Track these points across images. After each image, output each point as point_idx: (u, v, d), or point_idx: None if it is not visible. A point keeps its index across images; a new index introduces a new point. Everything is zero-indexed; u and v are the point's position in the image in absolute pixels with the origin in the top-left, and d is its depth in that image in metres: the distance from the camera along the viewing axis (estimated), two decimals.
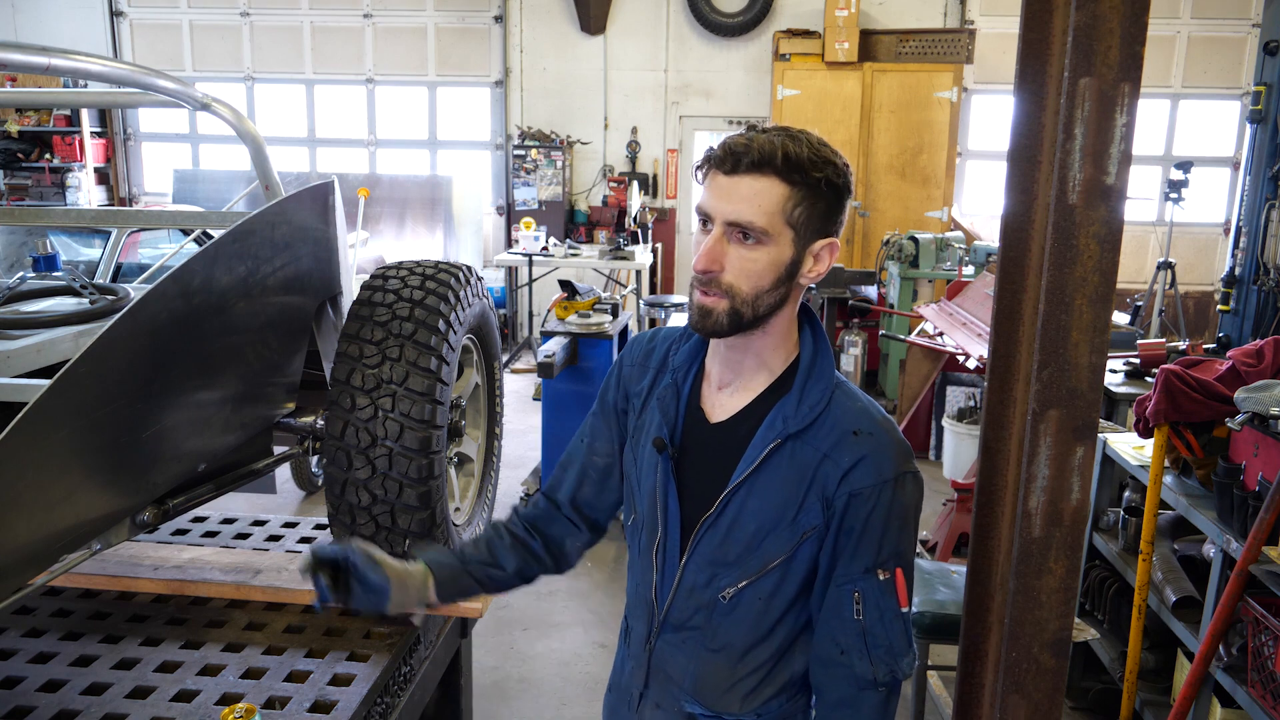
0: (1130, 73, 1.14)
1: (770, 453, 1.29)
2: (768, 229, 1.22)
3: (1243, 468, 2.59)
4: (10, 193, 9.06)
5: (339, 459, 1.92)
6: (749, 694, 1.36)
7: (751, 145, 1.22)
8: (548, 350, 4.54)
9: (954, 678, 1.45)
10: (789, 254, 1.25)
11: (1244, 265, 5.29)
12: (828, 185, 1.23)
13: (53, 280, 2.37)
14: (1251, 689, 2.43)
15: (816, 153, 1.23)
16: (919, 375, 6.00)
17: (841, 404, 1.30)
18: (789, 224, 1.23)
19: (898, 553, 1.29)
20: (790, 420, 1.29)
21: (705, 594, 1.35)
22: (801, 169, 1.21)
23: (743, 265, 1.24)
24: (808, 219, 1.24)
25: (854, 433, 1.27)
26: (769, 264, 1.24)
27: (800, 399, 1.30)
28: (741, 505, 1.31)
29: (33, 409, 1.32)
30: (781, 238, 1.24)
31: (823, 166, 1.23)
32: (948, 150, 8.22)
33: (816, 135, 1.27)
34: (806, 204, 1.23)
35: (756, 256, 1.24)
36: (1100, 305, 1.20)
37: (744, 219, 1.22)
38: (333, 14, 9.22)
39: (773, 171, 1.21)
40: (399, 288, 2.04)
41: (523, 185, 8.83)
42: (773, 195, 1.22)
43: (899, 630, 1.29)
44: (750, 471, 1.30)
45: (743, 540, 1.31)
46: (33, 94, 5.85)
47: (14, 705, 1.78)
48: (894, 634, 1.29)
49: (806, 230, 1.25)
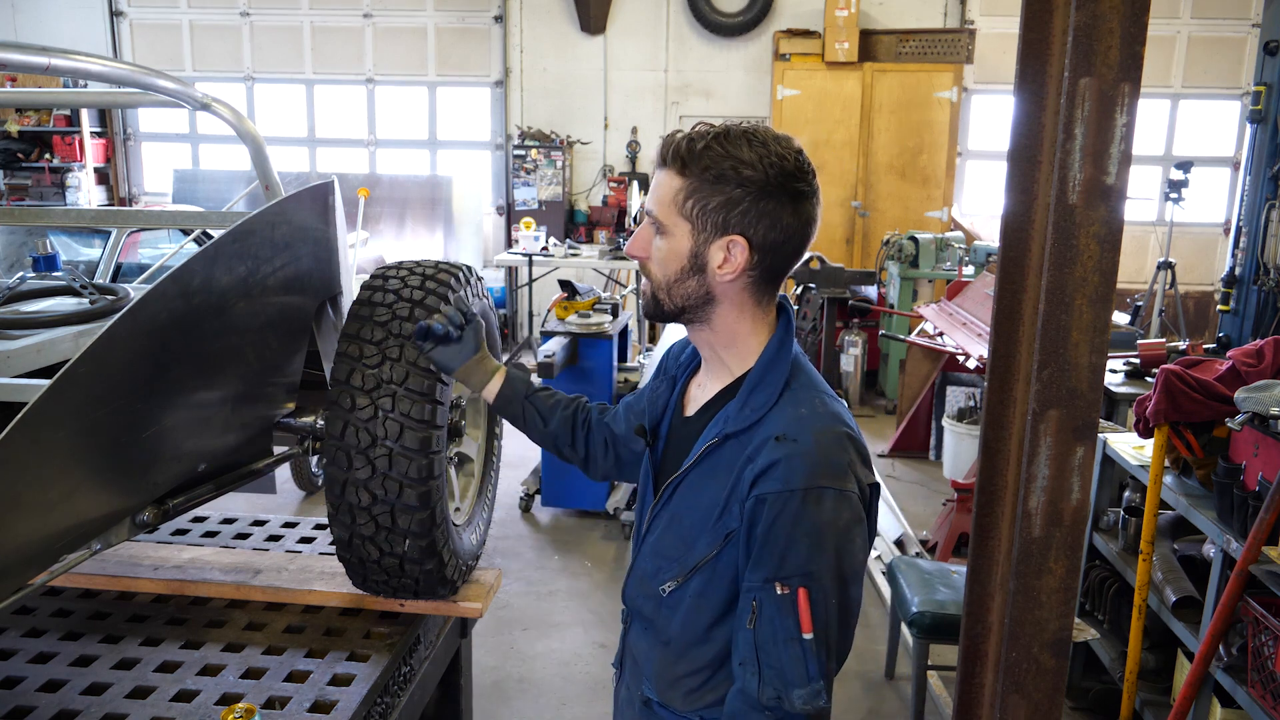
0: (1130, 73, 1.15)
1: (708, 451, 1.32)
2: (663, 220, 1.29)
3: (1243, 468, 2.59)
4: (10, 193, 9.06)
5: (339, 459, 1.92)
6: (690, 693, 1.37)
7: (668, 141, 1.27)
8: (548, 350, 4.53)
9: (954, 678, 1.45)
10: (686, 245, 1.28)
11: (1244, 265, 5.29)
12: (721, 179, 1.23)
13: (53, 280, 2.37)
14: (1251, 689, 2.43)
15: (719, 147, 1.22)
16: (919, 375, 6.00)
17: (783, 409, 1.28)
18: (683, 215, 1.27)
19: (805, 572, 1.19)
20: (731, 421, 1.31)
21: (652, 584, 1.39)
22: (691, 162, 1.24)
23: (655, 254, 1.32)
24: (701, 212, 1.26)
25: (777, 438, 1.24)
26: (670, 253, 1.30)
27: (744, 402, 1.31)
28: (682, 499, 1.35)
29: (33, 409, 1.32)
30: (678, 229, 1.28)
31: (718, 161, 1.22)
32: (948, 150, 8.22)
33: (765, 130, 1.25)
34: (698, 196, 1.25)
35: (660, 245, 1.31)
36: (1100, 305, 1.20)
37: (649, 208, 1.31)
38: (333, 14, 9.22)
39: (672, 165, 1.27)
40: (399, 288, 2.04)
41: (523, 185, 8.83)
42: (668, 187, 1.27)
43: (793, 655, 1.20)
44: (689, 466, 1.34)
45: (680, 535, 1.34)
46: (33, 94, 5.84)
47: (14, 705, 1.78)
48: (785, 658, 1.20)
49: (703, 223, 1.26)
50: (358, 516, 1.96)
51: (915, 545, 4.56)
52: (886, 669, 3.54)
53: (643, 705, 1.44)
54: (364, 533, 1.97)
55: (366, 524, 1.96)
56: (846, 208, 8.24)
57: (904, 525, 4.76)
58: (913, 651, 3.13)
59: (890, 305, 7.12)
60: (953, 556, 4.33)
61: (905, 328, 6.72)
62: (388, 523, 1.95)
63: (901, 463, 5.92)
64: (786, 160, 1.23)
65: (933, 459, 5.86)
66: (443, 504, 2.04)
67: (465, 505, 2.48)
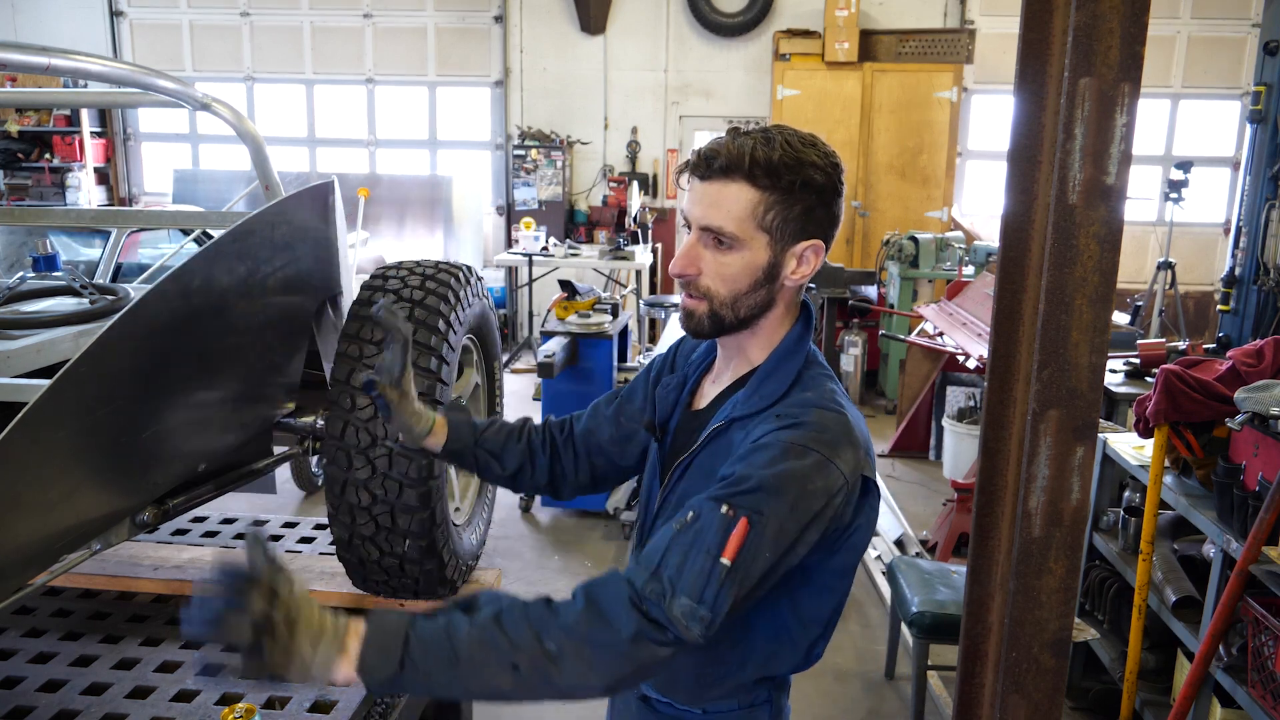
0: (1130, 73, 1.15)
1: (714, 434, 1.30)
2: (738, 234, 1.23)
3: (1243, 468, 2.59)
4: (10, 193, 9.06)
5: (339, 459, 1.92)
6: (691, 686, 1.36)
7: (721, 150, 1.22)
8: (548, 350, 4.53)
9: (954, 678, 1.45)
10: (764, 258, 1.25)
11: (1244, 265, 5.29)
12: (803, 187, 1.22)
13: (53, 280, 2.37)
14: (1251, 689, 2.43)
15: (791, 154, 1.21)
16: (919, 375, 6.00)
17: (792, 396, 1.28)
18: (762, 228, 1.23)
19: (755, 507, 1.13)
20: (739, 406, 1.29)
21: None
22: (772, 173, 1.20)
23: (718, 269, 1.26)
24: (783, 222, 1.23)
25: (778, 415, 1.24)
26: (743, 268, 1.25)
27: (755, 390, 1.30)
28: (687, 486, 1.33)
29: (33, 409, 1.32)
30: (755, 242, 1.24)
31: (796, 169, 1.21)
32: (948, 150, 8.21)
33: (802, 133, 1.25)
34: (780, 207, 1.22)
35: (730, 261, 1.25)
36: (1100, 305, 1.20)
37: (714, 224, 1.23)
38: (333, 14, 9.22)
39: (741, 176, 1.21)
40: (399, 288, 2.04)
41: (523, 185, 8.83)
42: (742, 200, 1.22)
43: (699, 568, 1.11)
44: (695, 450, 1.32)
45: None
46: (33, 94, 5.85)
47: (14, 705, 1.78)
48: (692, 567, 1.11)
49: (783, 233, 1.24)
50: (358, 516, 1.96)
51: (915, 545, 4.56)
52: (886, 669, 3.54)
53: (640, 703, 1.43)
54: (364, 533, 1.97)
55: (366, 524, 1.96)
56: (846, 208, 8.22)
57: (904, 525, 4.76)
58: (913, 651, 3.13)
59: (890, 305, 7.12)
60: (953, 556, 4.33)
61: (905, 328, 6.72)
62: (388, 523, 1.95)
63: (901, 463, 5.92)
64: (834, 158, 1.25)
65: (933, 459, 5.86)
66: (443, 504, 2.04)
67: (465, 505, 2.48)
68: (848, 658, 3.67)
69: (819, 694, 3.42)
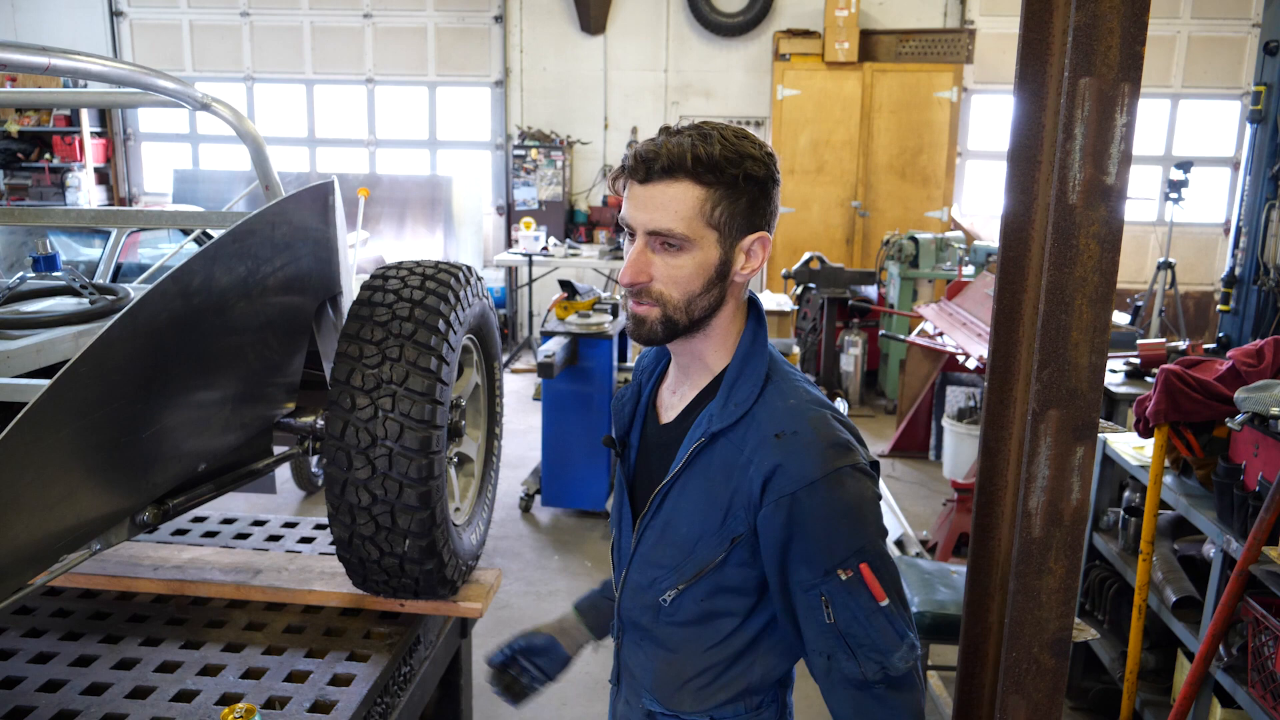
0: (1130, 73, 1.15)
1: (697, 452, 1.29)
2: (688, 234, 1.21)
3: (1243, 468, 2.59)
4: (10, 193, 9.06)
5: (339, 459, 1.92)
6: (699, 691, 1.36)
7: (660, 151, 1.20)
8: (548, 350, 4.54)
9: (954, 678, 1.45)
10: (715, 255, 1.23)
11: (1244, 265, 5.29)
12: (746, 180, 1.21)
13: (53, 280, 2.37)
14: (1251, 689, 2.43)
15: (731, 149, 1.20)
16: (919, 375, 6.00)
17: (771, 403, 1.26)
18: (710, 225, 1.22)
19: (857, 549, 1.21)
20: (715, 419, 1.27)
21: (649, 595, 1.36)
22: (715, 168, 1.19)
23: (669, 273, 1.23)
24: (730, 217, 1.22)
25: (776, 435, 1.22)
26: (696, 268, 1.23)
27: (727, 398, 1.28)
28: (674, 506, 1.31)
29: (33, 409, 1.32)
30: (704, 240, 1.22)
31: (738, 162, 1.20)
32: (948, 150, 8.22)
33: (733, 127, 1.24)
34: (726, 203, 1.21)
35: (681, 263, 1.23)
36: (1100, 305, 1.20)
37: (663, 227, 1.21)
38: (333, 14, 9.22)
39: (685, 175, 1.19)
40: (399, 288, 2.04)
41: (523, 185, 8.83)
42: (688, 199, 1.20)
43: (880, 625, 1.22)
44: (678, 471, 1.30)
45: (677, 543, 1.31)
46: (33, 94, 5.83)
47: (14, 705, 1.78)
48: (874, 631, 1.22)
49: (731, 228, 1.23)
50: (358, 516, 1.96)
51: (915, 545, 4.56)
52: None
53: (646, 718, 1.42)
54: (364, 533, 1.97)
55: (366, 524, 1.96)
56: (846, 208, 8.24)
57: (904, 525, 4.76)
58: None
59: (890, 305, 7.12)
60: (953, 556, 4.33)
61: (905, 328, 6.72)
62: (388, 523, 1.95)
63: (901, 463, 5.92)
64: (768, 149, 1.25)
65: (933, 459, 5.86)
66: (443, 504, 2.04)
67: (465, 505, 2.48)
68: None
69: (819, 694, 3.42)
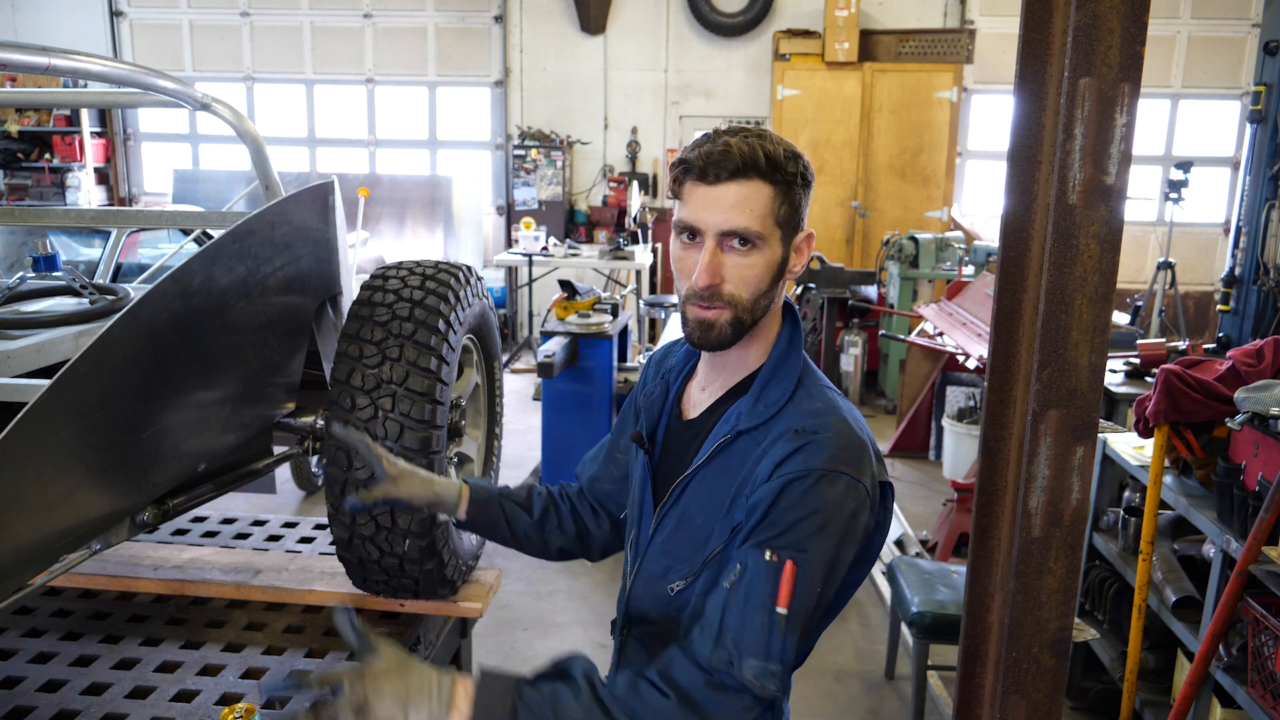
0: (1130, 73, 1.15)
1: (721, 447, 1.30)
2: (762, 232, 1.24)
3: (1243, 468, 2.59)
4: (10, 193, 9.07)
5: (339, 459, 1.92)
6: None
7: (731, 151, 1.21)
8: (548, 350, 4.54)
9: (954, 678, 1.45)
10: (780, 253, 1.27)
11: (1244, 265, 5.29)
12: (800, 179, 1.26)
13: (53, 280, 2.37)
14: (1251, 689, 2.43)
15: (787, 149, 1.25)
16: (919, 375, 6.00)
17: (799, 404, 1.28)
18: (777, 224, 1.25)
19: (798, 546, 1.16)
20: (744, 418, 1.29)
21: (661, 585, 1.36)
22: (779, 167, 1.23)
23: (741, 273, 1.25)
24: (789, 215, 1.26)
25: (796, 431, 1.23)
26: (766, 267, 1.26)
27: (757, 398, 1.29)
28: (693, 496, 1.32)
29: (33, 409, 1.32)
30: (773, 238, 1.26)
31: (795, 161, 1.25)
32: (948, 150, 8.22)
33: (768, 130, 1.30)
34: (788, 201, 1.25)
35: (753, 262, 1.25)
36: (1100, 305, 1.20)
37: (739, 226, 1.22)
38: (333, 14, 9.22)
39: (757, 174, 1.22)
40: (399, 288, 2.04)
41: (523, 185, 8.83)
42: (761, 198, 1.23)
43: (758, 624, 1.13)
44: (700, 464, 1.31)
45: (691, 533, 1.32)
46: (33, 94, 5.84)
47: (14, 705, 1.78)
48: (750, 625, 1.14)
49: (789, 226, 1.27)
50: (358, 516, 1.96)
51: (915, 545, 4.56)
52: (886, 669, 3.54)
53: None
54: (364, 533, 1.97)
55: (366, 524, 1.96)
56: (846, 208, 8.24)
57: (904, 525, 4.76)
58: (913, 651, 3.14)
59: (890, 305, 7.12)
60: (953, 556, 4.34)
61: (905, 328, 6.72)
62: (388, 523, 1.95)
63: (901, 463, 5.92)
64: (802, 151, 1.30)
65: (933, 459, 5.86)
66: None
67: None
68: (848, 658, 3.67)
69: (819, 694, 3.42)
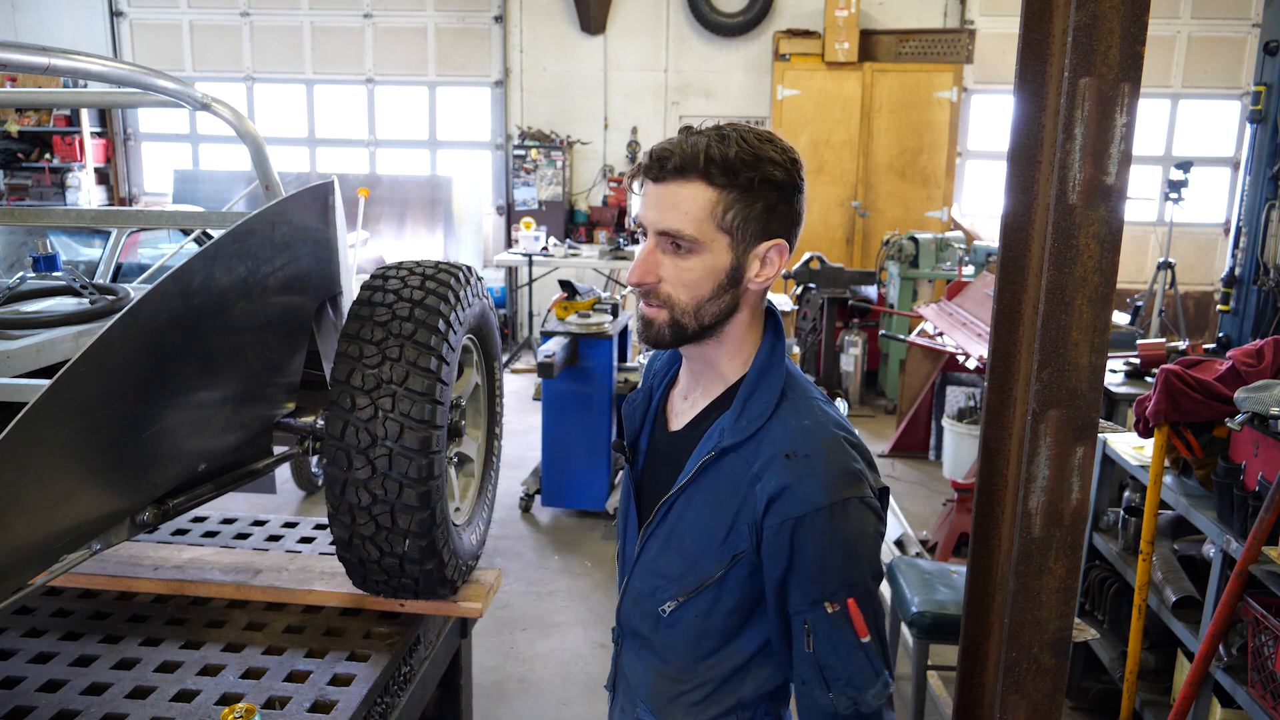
0: (1130, 73, 1.15)
1: (706, 465, 1.26)
2: (697, 236, 1.18)
3: (1243, 468, 2.59)
4: (10, 193, 9.06)
5: (339, 459, 1.92)
6: (693, 705, 1.35)
7: (674, 149, 1.17)
8: (548, 350, 4.54)
9: (954, 678, 1.45)
10: (726, 260, 1.20)
11: (1244, 265, 5.29)
12: (763, 184, 1.17)
13: (53, 280, 2.37)
14: (1251, 689, 2.43)
15: (749, 151, 1.16)
16: (919, 375, 6.00)
17: (786, 420, 1.23)
18: (721, 229, 1.18)
19: (848, 583, 1.20)
20: (727, 434, 1.25)
21: (649, 604, 1.35)
22: (729, 170, 1.16)
23: (678, 275, 1.21)
24: (743, 222, 1.18)
25: (787, 455, 1.20)
26: (705, 272, 1.20)
27: (740, 413, 1.25)
28: (680, 517, 1.29)
29: (33, 409, 1.32)
30: (715, 244, 1.19)
31: (754, 165, 1.16)
32: (948, 150, 8.22)
33: (758, 130, 1.21)
34: (739, 207, 1.17)
35: (690, 265, 1.20)
36: (1100, 305, 1.20)
37: (672, 227, 1.19)
38: (333, 14, 9.22)
39: (697, 176, 1.17)
40: (399, 288, 2.03)
41: (523, 185, 8.83)
42: (699, 201, 1.17)
43: (858, 662, 1.21)
44: (685, 483, 1.28)
45: (680, 554, 1.30)
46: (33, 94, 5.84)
47: (14, 705, 1.78)
48: (851, 666, 1.21)
49: (744, 234, 1.19)
50: (358, 516, 1.96)
51: (915, 545, 4.56)
52: None
53: None
54: (364, 533, 1.97)
55: (366, 524, 1.96)
56: (846, 208, 8.24)
57: (904, 525, 4.76)
58: (913, 651, 3.13)
59: (890, 305, 7.12)
60: (953, 556, 4.33)
61: (905, 328, 6.72)
62: (388, 523, 1.95)
63: (901, 463, 5.92)
64: (793, 154, 1.21)
65: (933, 459, 5.86)
66: (443, 504, 2.03)
67: (465, 505, 2.48)
68: None
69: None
